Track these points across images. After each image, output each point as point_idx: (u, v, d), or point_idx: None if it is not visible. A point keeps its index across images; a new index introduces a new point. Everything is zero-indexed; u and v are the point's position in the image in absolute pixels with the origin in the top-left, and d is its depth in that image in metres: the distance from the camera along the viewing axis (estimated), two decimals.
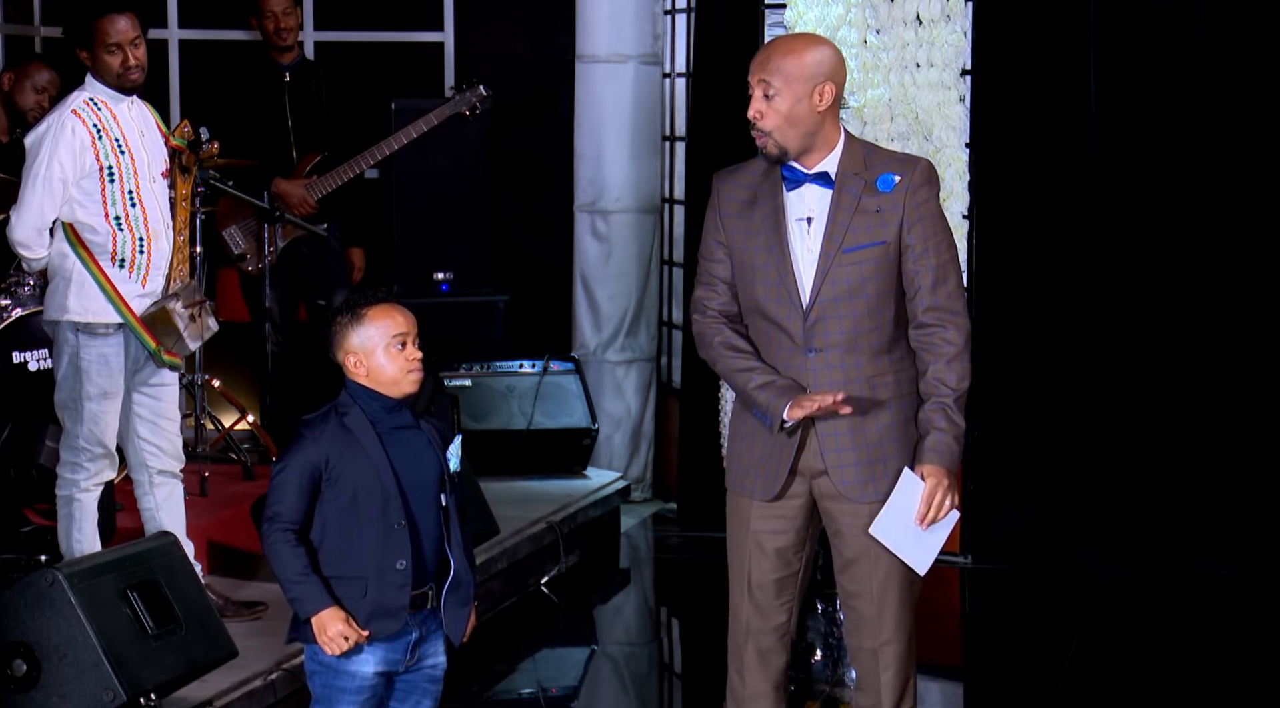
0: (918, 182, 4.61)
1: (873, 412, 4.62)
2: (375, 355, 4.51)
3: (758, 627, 4.82)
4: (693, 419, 9.10)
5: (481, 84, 8.61)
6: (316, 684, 4.56)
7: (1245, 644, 7.27)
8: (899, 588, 4.70)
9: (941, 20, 8.34)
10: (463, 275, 9.58)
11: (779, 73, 4.61)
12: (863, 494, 4.64)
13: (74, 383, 6.16)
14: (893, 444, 4.63)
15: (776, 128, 4.61)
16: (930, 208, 4.62)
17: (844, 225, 4.60)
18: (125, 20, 6.19)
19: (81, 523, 6.23)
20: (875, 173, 4.61)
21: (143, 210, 6.18)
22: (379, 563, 4.47)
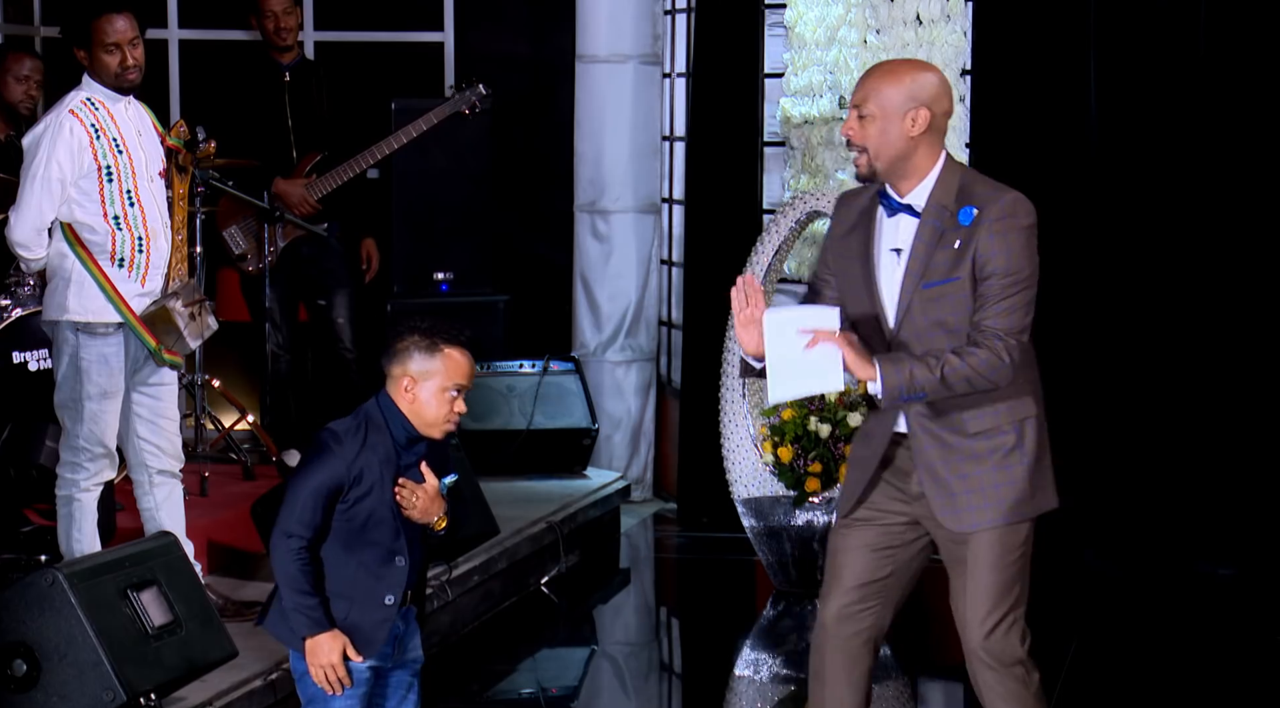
0: (994, 215, 4.55)
1: (968, 442, 4.63)
2: (428, 390, 4.48)
3: (840, 632, 4.82)
4: (693, 419, 9.10)
5: (481, 83, 8.62)
6: (308, 684, 4.56)
7: (1246, 645, 7.27)
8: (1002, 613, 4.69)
9: (941, 20, 8.35)
10: (463, 275, 9.58)
11: (874, 95, 4.63)
12: (960, 524, 4.66)
13: (74, 383, 6.16)
14: (990, 475, 4.63)
15: (870, 148, 4.62)
16: (1002, 243, 4.54)
17: (924, 260, 4.59)
18: (124, 20, 6.18)
19: (81, 523, 6.23)
20: (960, 205, 4.59)
21: (141, 210, 6.18)
22: (369, 591, 4.48)
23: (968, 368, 4.53)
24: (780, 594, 7.93)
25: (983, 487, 4.63)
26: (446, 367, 4.48)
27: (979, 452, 4.64)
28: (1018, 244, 4.56)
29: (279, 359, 8.59)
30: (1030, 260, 4.58)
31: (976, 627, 4.69)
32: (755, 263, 8.08)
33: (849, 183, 8.62)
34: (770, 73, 9.06)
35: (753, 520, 7.98)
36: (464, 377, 4.50)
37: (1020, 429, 4.66)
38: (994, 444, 4.64)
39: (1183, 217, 7.99)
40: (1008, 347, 4.54)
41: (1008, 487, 4.64)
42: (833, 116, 8.71)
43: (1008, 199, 4.58)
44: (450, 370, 4.48)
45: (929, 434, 4.66)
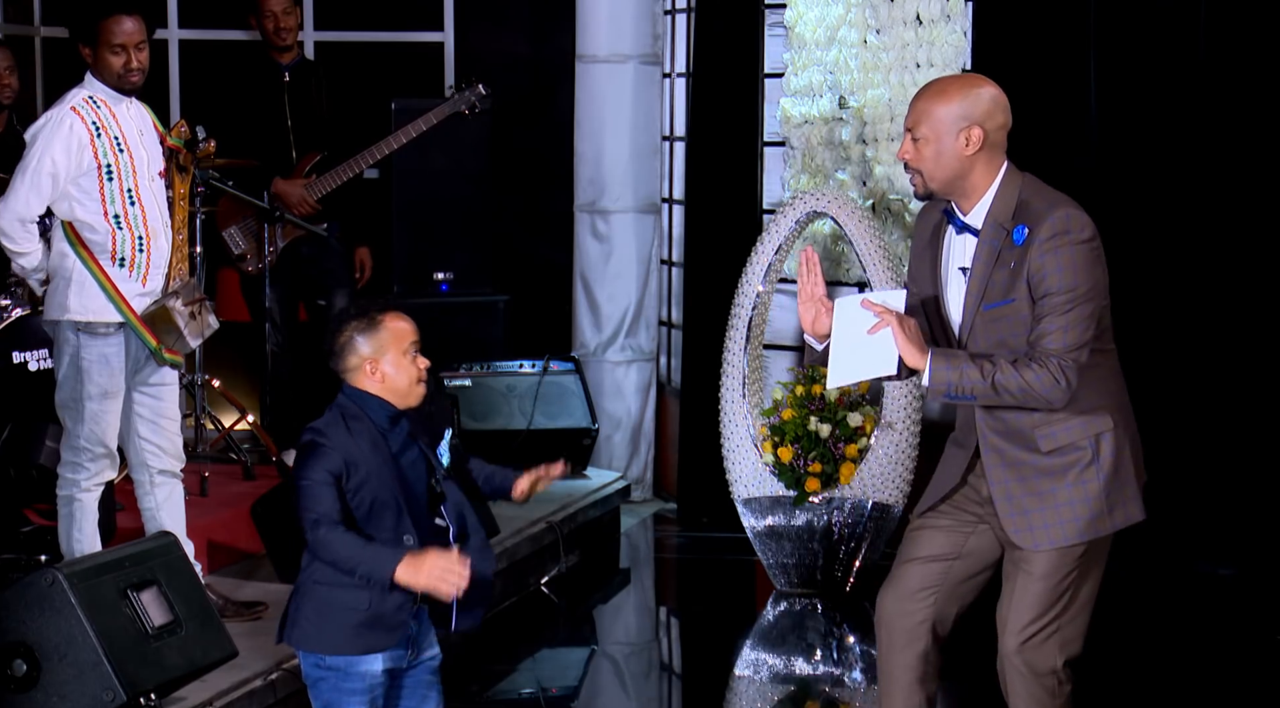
0: (1045, 234, 4.50)
1: (1041, 459, 4.59)
2: (390, 362, 4.54)
3: (892, 610, 4.79)
4: (692, 419, 9.10)
5: (481, 83, 8.62)
6: (323, 690, 4.56)
7: (1246, 644, 7.27)
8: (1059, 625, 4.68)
9: (941, 20, 8.35)
10: (462, 275, 9.58)
11: (925, 116, 4.60)
12: (1034, 542, 4.62)
13: (75, 383, 6.16)
14: (1065, 492, 4.58)
15: (925, 169, 4.60)
16: (1054, 261, 4.48)
17: (984, 280, 4.57)
18: (132, 22, 6.19)
19: (82, 523, 6.23)
20: (1016, 222, 4.54)
21: (141, 209, 6.18)
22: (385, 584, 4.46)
23: (1022, 381, 4.48)
24: (780, 595, 7.93)
25: (1058, 504, 4.59)
26: (395, 333, 4.55)
27: (1053, 468, 4.59)
28: (1070, 260, 4.49)
29: (279, 359, 8.59)
30: (1086, 274, 4.51)
31: (1015, 633, 4.66)
32: (755, 263, 8.08)
33: (848, 183, 8.62)
34: (770, 73, 9.06)
35: (753, 521, 7.98)
36: (412, 334, 4.57)
37: (1096, 444, 4.60)
38: (1069, 461, 4.59)
39: (1182, 217, 7.99)
40: (1063, 366, 4.48)
41: (1083, 504, 4.59)
42: (833, 116, 8.71)
43: (1058, 215, 4.51)
44: (399, 334, 4.55)
45: (999, 453, 4.63)
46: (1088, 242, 4.52)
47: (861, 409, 7.82)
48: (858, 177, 8.63)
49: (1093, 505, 4.59)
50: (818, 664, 7.15)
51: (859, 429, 7.81)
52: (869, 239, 7.86)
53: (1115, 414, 4.66)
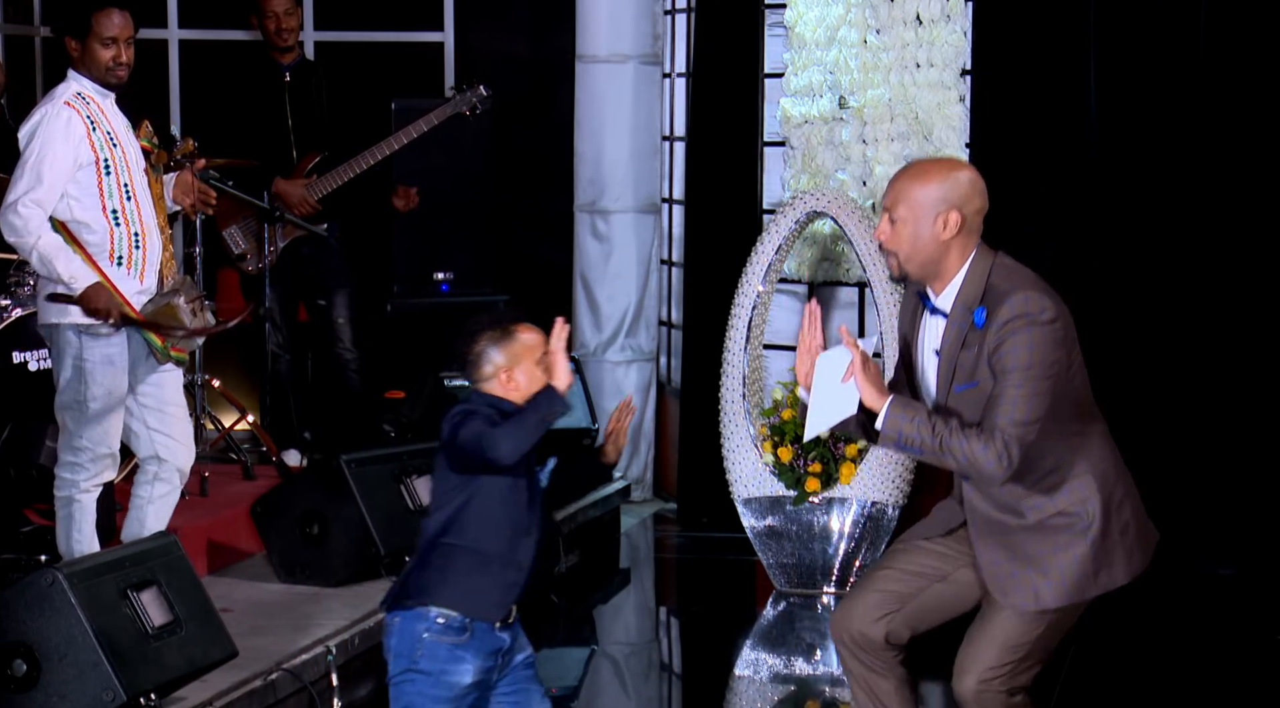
0: (1004, 316, 4.50)
1: (1026, 531, 4.60)
2: (521, 372, 4.68)
3: (842, 623, 4.83)
4: (692, 419, 9.09)
5: (481, 84, 8.61)
6: (407, 692, 4.63)
7: (1247, 644, 7.27)
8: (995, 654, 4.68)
9: (941, 20, 8.34)
10: (462, 275, 9.58)
11: (904, 199, 4.60)
12: (1005, 600, 4.63)
13: (77, 385, 6.15)
14: (1049, 558, 4.59)
15: (901, 251, 4.61)
16: (1013, 341, 4.48)
17: (952, 362, 4.59)
18: (123, 16, 6.20)
19: (81, 524, 6.23)
20: (979, 304, 4.56)
21: (137, 204, 6.19)
22: (506, 557, 4.62)
23: (968, 450, 4.49)
24: (780, 594, 7.93)
25: (1044, 568, 4.60)
26: (528, 343, 4.70)
27: (1041, 536, 4.61)
28: (1027, 341, 4.48)
29: (279, 359, 8.59)
30: (1042, 354, 4.48)
31: (974, 675, 4.66)
32: (755, 263, 8.08)
33: (849, 183, 8.62)
34: (770, 73, 9.06)
35: (753, 521, 7.98)
36: (544, 345, 4.70)
37: (1084, 511, 4.61)
38: (1057, 527, 4.61)
39: (1182, 217, 7.99)
40: (1007, 442, 4.47)
41: (1069, 568, 4.59)
42: (833, 116, 8.71)
43: (1018, 298, 4.51)
44: (533, 344, 4.70)
45: (986, 521, 4.66)
46: (1048, 324, 4.51)
47: None
48: (858, 177, 8.63)
49: (1078, 570, 4.60)
50: (817, 664, 7.15)
51: None
52: (869, 239, 7.86)
53: (1105, 482, 4.66)
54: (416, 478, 7.22)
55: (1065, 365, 4.55)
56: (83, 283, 6.03)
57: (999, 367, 4.48)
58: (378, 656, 6.62)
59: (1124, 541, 4.66)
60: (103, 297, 6.04)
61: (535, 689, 4.82)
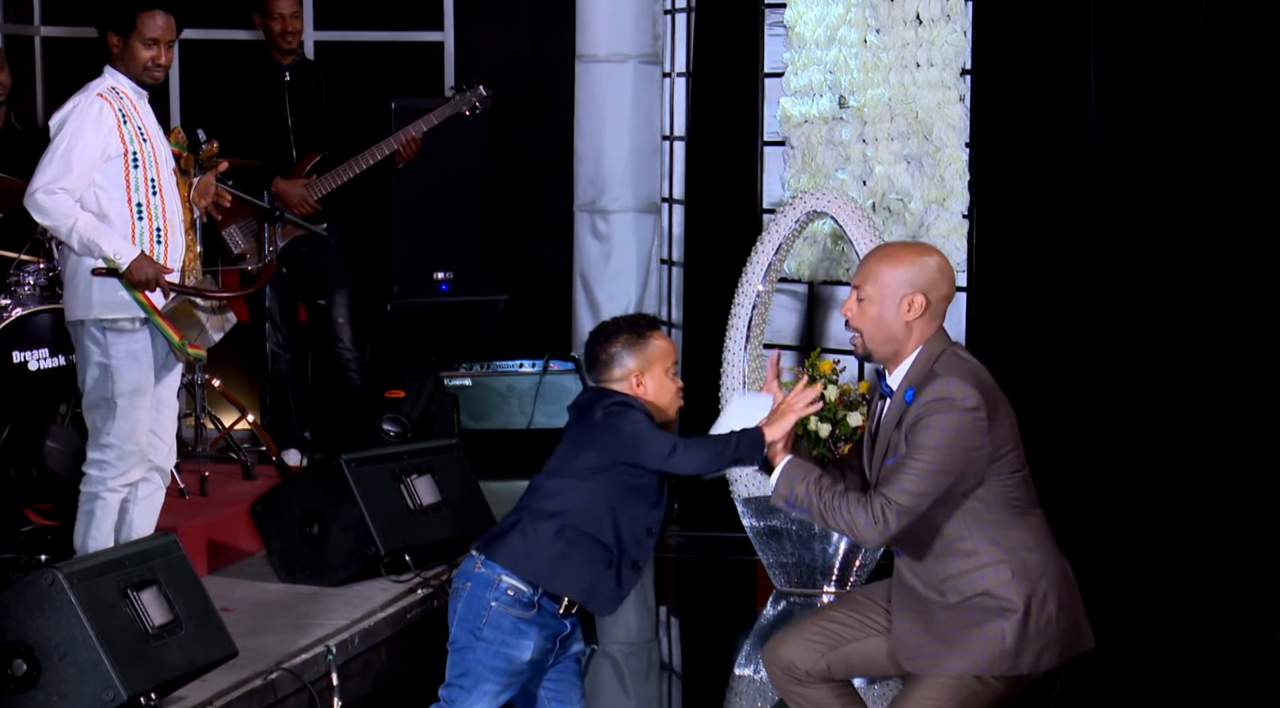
0: (926, 397, 4.58)
1: (946, 609, 4.64)
2: (655, 377, 4.71)
3: (771, 651, 4.90)
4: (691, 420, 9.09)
5: (481, 84, 8.61)
6: (467, 658, 4.66)
7: (1246, 646, 7.27)
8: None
9: (941, 20, 8.34)
10: (463, 275, 9.59)
11: (872, 279, 4.69)
12: (905, 662, 4.70)
13: (104, 382, 6.19)
14: (966, 633, 4.61)
15: (865, 330, 4.70)
16: (927, 422, 4.56)
17: (886, 440, 4.67)
18: (167, 19, 6.28)
19: (101, 522, 6.25)
20: (910, 384, 4.65)
21: (162, 200, 6.25)
22: (627, 550, 4.67)
23: (846, 514, 4.57)
24: (780, 594, 7.93)
25: (952, 641, 4.63)
26: (660, 352, 4.73)
27: (960, 614, 4.64)
28: (940, 423, 4.55)
29: (279, 359, 8.60)
30: (953, 440, 4.55)
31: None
32: (755, 262, 8.08)
33: (849, 182, 8.62)
34: (770, 72, 9.06)
35: (753, 520, 7.98)
36: (674, 354, 4.77)
37: (1005, 594, 4.61)
38: (976, 606, 4.63)
39: (1183, 217, 7.99)
40: (886, 510, 4.54)
41: (984, 642, 4.61)
42: (832, 116, 8.71)
43: (943, 382, 4.59)
44: (665, 351, 4.74)
45: (910, 592, 4.71)
46: (969, 411, 4.57)
47: (861, 409, 7.82)
48: (858, 176, 8.63)
49: (994, 646, 4.61)
50: None
51: (858, 429, 7.80)
52: (869, 239, 7.86)
53: (1029, 571, 4.65)
54: (416, 477, 7.22)
55: (984, 455, 4.60)
56: (128, 257, 6.11)
57: (911, 442, 4.58)
58: (377, 655, 6.65)
59: (1046, 632, 4.66)
60: (148, 268, 6.13)
61: (578, 685, 4.87)
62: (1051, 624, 4.65)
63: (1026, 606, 4.62)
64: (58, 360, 7.14)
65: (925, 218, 8.42)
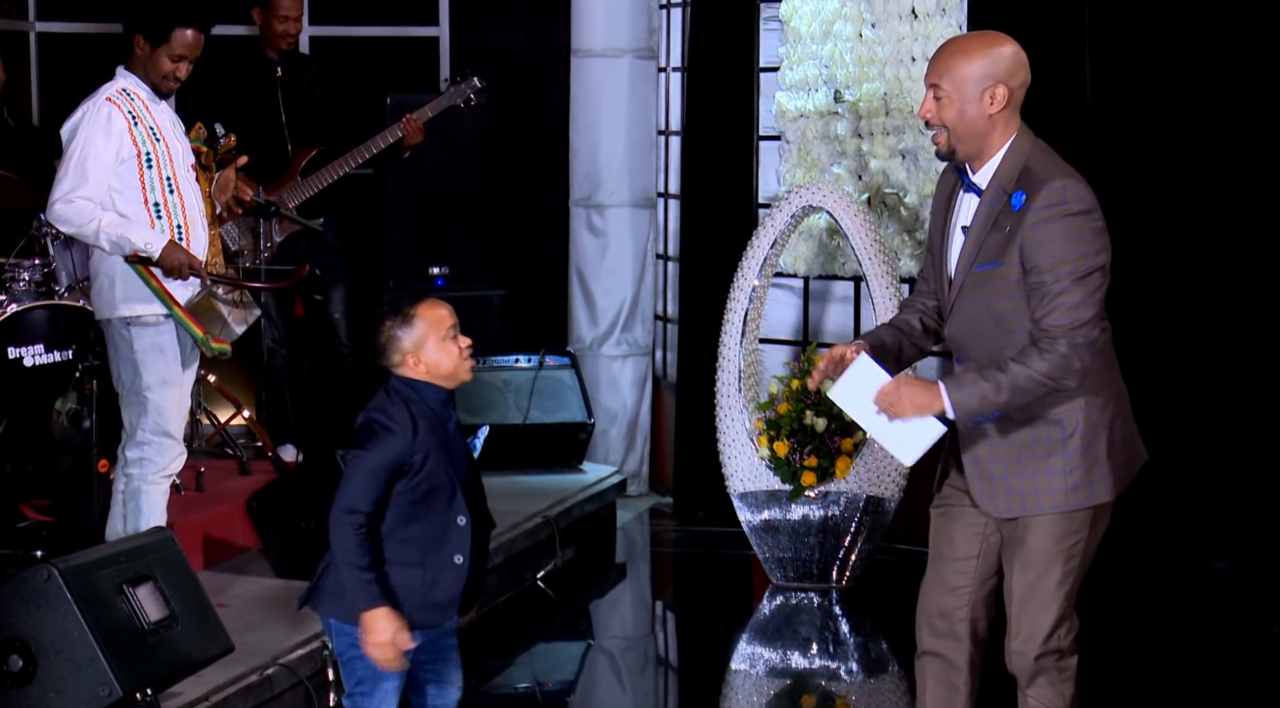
0: (1040, 203, 4.45)
1: (1011, 431, 4.55)
2: (430, 351, 4.62)
3: (932, 609, 4.79)
4: (689, 413, 9.10)
5: (476, 76, 8.61)
6: (357, 668, 4.62)
7: (1242, 638, 7.27)
8: (1040, 604, 4.62)
9: (937, 14, 8.34)
10: (458, 270, 9.58)
11: (948, 74, 4.55)
12: (995, 509, 4.60)
13: (133, 377, 6.25)
14: (1031, 462, 4.55)
15: (950, 126, 4.55)
16: (1048, 231, 4.43)
17: (978, 242, 4.52)
18: (197, 38, 6.33)
19: (148, 514, 6.27)
20: (1018, 187, 4.50)
21: (180, 198, 6.28)
22: (439, 556, 4.59)
23: (1035, 374, 4.42)
24: (776, 589, 7.93)
25: (1023, 474, 4.54)
26: (431, 321, 4.63)
27: (1020, 441, 4.55)
28: (1066, 233, 4.44)
29: (275, 354, 8.59)
30: (1082, 246, 4.44)
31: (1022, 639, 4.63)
32: (751, 257, 8.08)
33: (844, 177, 8.62)
34: (765, 67, 9.06)
35: (749, 515, 7.99)
36: (447, 318, 4.65)
37: (1064, 421, 4.54)
38: (1040, 433, 4.54)
39: (1180, 208, 7.99)
40: (1074, 347, 4.43)
41: (1054, 476, 4.53)
42: (828, 110, 8.71)
43: (1056, 185, 4.47)
44: (435, 320, 4.64)
45: (971, 428, 4.59)
46: (1084, 214, 4.47)
47: None
48: (853, 170, 8.63)
49: (1055, 480, 4.55)
50: (814, 659, 7.15)
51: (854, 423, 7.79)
52: (864, 233, 7.86)
53: (1098, 391, 4.59)
54: None
55: (1107, 260, 4.51)
56: (159, 245, 6.14)
57: (1034, 258, 4.42)
58: None
59: (1127, 455, 4.62)
60: (180, 254, 6.17)
61: (455, 661, 4.81)
62: (1115, 453, 4.60)
63: (1091, 433, 4.55)
64: (53, 356, 7.13)
65: (921, 212, 8.42)
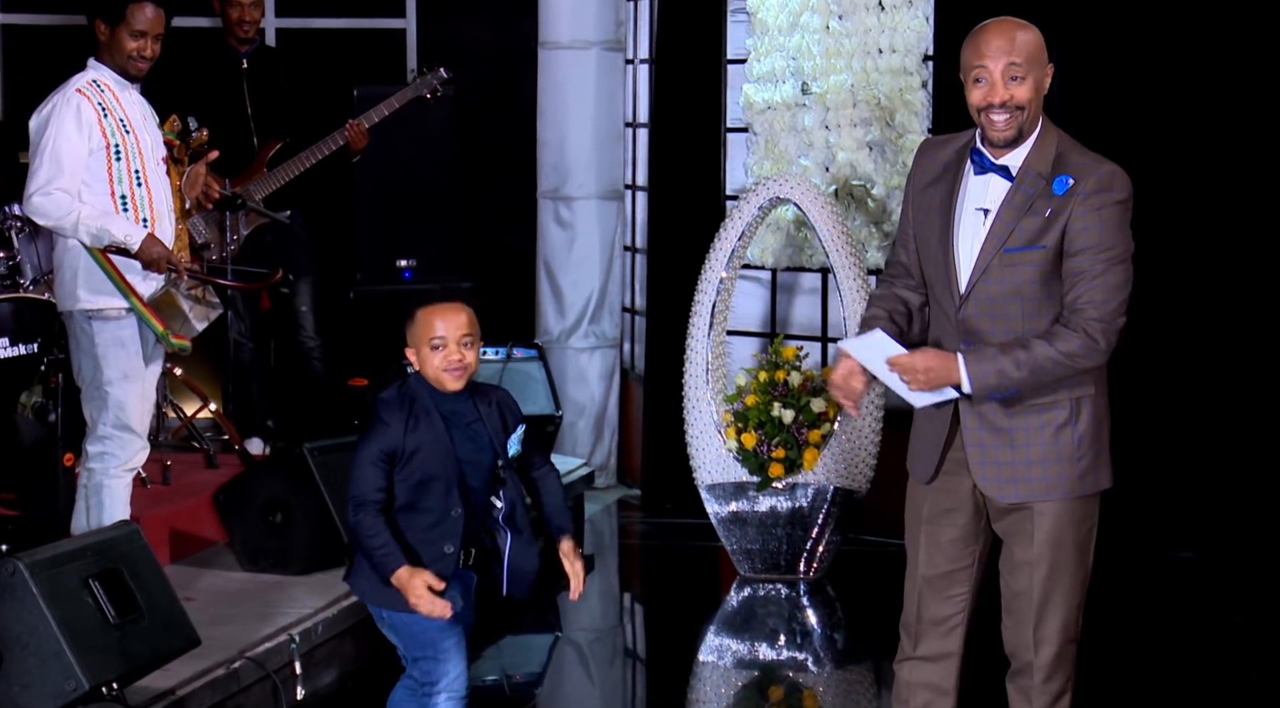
0: (1090, 188, 4.42)
1: (1020, 413, 4.51)
2: (420, 353, 4.81)
3: (928, 617, 4.72)
4: (656, 406, 9.10)
5: (442, 67, 8.60)
6: (416, 634, 4.82)
7: (1206, 626, 7.31)
8: (1064, 592, 4.63)
9: (904, 6, 8.36)
10: (426, 262, 9.57)
11: (1025, 53, 4.49)
12: (1002, 494, 4.55)
13: (94, 371, 6.23)
14: (1039, 448, 4.51)
15: (1031, 108, 4.48)
16: (1096, 218, 4.40)
17: (1011, 224, 4.45)
18: (156, 12, 6.31)
19: (112, 509, 6.25)
20: (1056, 173, 4.45)
21: (148, 191, 6.26)
22: (432, 545, 4.76)
23: (1059, 354, 4.39)
24: (744, 580, 7.94)
25: (1030, 461, 4.50)
26: (421, 324, 4.80)
27: (1030, 425, 4.51)
28: (1112, 219, 4.42)
29: (242, 348, 8.58)
30: (1124, 235, 4.44)
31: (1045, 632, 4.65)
32: (718, 249, 8.09)
33: (812, 169, 8.62)
34: (733, 58, 9.06)
35: (716, 507, 7.99)
36: (434, 330, 4.79)
37: (1076, 406, 4.51)
38: (1045, 419, 4.50)
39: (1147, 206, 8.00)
40: (1105, 330, 4.40)
41: (1055, 463, 4.50)
42: (795, 102, 8.71)
43: (1105, 172, 4.45)
44: (425, 324, 4.80)
45: (976, 411, 4.53)
46: (1126, 202, 4.47)
47: (824, 395, 7.83)
48: (820, 162, 8.64)
49: (1065, 466, 4.52)
50: (781, 650, 7.16)
51: (822, 415, 7.82)
52: (832, 225, 7.87)
53: (1097, 381, 4.57)
54: None
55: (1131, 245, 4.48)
56: (138, 238, 6.14)
57: (1080, 241, 4.39)
58: (341, 644, 6.64)
59: (1105, 445, 4.60)
60: (158, 247, 6.17)
61: None
62: (1105, 439, 4.58)
63: (1094, 421, 4.53)
64: (18, 350, 7.10)
65: (888, 204, 8.43)
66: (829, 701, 6.71)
